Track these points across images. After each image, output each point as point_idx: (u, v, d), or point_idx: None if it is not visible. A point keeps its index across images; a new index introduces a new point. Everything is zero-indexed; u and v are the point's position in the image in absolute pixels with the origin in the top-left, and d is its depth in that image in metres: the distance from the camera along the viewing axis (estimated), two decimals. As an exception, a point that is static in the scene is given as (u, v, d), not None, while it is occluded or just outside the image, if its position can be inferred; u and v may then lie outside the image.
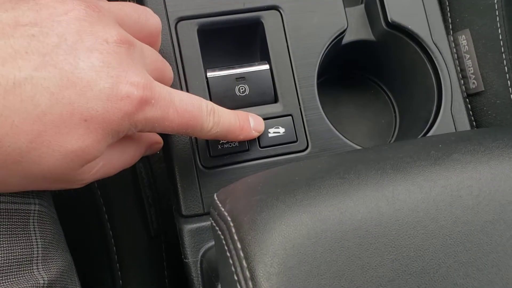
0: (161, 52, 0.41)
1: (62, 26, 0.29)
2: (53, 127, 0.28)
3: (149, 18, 0.37)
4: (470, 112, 0.49)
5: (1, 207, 0.32)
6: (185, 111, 0.34)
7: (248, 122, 0.40)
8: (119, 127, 0.30)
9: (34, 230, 0.34)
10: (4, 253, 0.31)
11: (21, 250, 0.32)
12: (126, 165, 0.36)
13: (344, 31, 0.45)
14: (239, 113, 0.39)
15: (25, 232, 0.33)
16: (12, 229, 0.32)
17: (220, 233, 0.28)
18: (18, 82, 0.27)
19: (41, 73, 0.27)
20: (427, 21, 0.46)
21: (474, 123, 0.49)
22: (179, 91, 0.34)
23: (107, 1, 0.34)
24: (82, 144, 0.29)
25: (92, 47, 0.29)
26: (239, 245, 0.26)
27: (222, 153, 0.41)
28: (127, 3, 0.36)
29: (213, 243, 0.36)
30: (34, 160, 0.28)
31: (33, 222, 0.34)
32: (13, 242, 0.32)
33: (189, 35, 0.42)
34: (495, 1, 0.47)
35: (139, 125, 0.31)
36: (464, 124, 0.45)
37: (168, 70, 0.39)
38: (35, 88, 0.27)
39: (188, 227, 0.40)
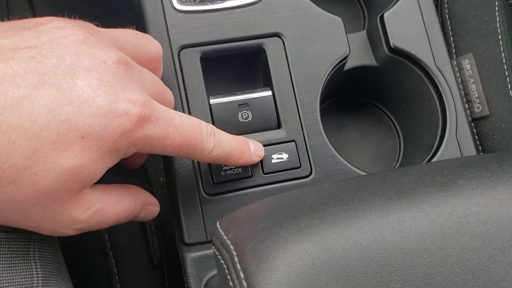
0: (164, 79, 0.41)
1: (61, 48, 0.30)
2: (49, 144, 0.28)
3: (149, 43, 0.37)
4: (476, 136, 0.48)
5: (1, 236, 0.31)
6: (185, 130, 0.34)
7: (248, 147, 0.40)
8: (116, 144, 0.30)
9: (35, 259, 0.33)
10: (3, 283, 0.31)
11: (21, 280, 0.32)
12: (120, 217, 0.35)
13: (346, 57, 0.45)
14: (239, 138, 0.40)
15: (25, 261, 0.33)
16: (12, 258, 0.32)
17: (222, 262, 0.28)
18: (16, 99, 0.27)
19: (39, 91, 0.28)
20: (430, 45, 0.46)
21: (479, 147, 0.48)
22: (178, 112, 0.35)
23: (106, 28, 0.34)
24: (78, 162, 0.29)
25: (91, 67, 0.30)
26: (242, 275, 0.25)
27: (225, 180, 0.41)
28: (127, 29, 0.36)
29: (216, 271, 0.36)
30: (30, 178, 0.28)
31: (34, 251, 0.33)
32: (13, 271, 0.32)
33: (192, 62, 0.42)
34: (498, 25, 0.47)
35: (139, 144, 0.31)
36: (469, 148, 0.45)
37: (168, 93, 0.39)
38: (32, 105, 0.28)
39: (191, 255, 0.39)
